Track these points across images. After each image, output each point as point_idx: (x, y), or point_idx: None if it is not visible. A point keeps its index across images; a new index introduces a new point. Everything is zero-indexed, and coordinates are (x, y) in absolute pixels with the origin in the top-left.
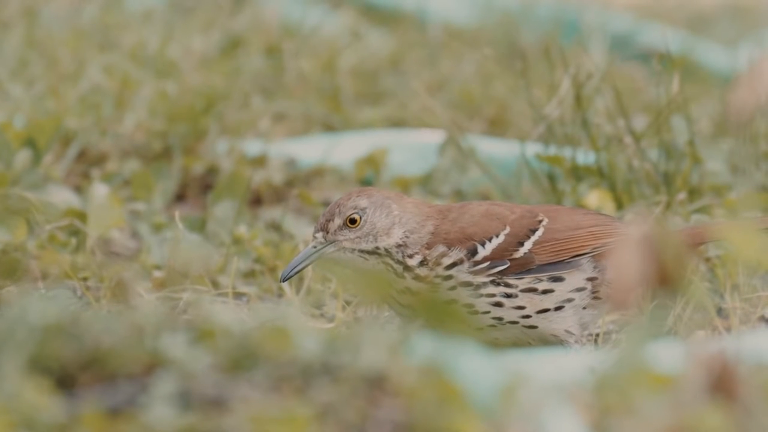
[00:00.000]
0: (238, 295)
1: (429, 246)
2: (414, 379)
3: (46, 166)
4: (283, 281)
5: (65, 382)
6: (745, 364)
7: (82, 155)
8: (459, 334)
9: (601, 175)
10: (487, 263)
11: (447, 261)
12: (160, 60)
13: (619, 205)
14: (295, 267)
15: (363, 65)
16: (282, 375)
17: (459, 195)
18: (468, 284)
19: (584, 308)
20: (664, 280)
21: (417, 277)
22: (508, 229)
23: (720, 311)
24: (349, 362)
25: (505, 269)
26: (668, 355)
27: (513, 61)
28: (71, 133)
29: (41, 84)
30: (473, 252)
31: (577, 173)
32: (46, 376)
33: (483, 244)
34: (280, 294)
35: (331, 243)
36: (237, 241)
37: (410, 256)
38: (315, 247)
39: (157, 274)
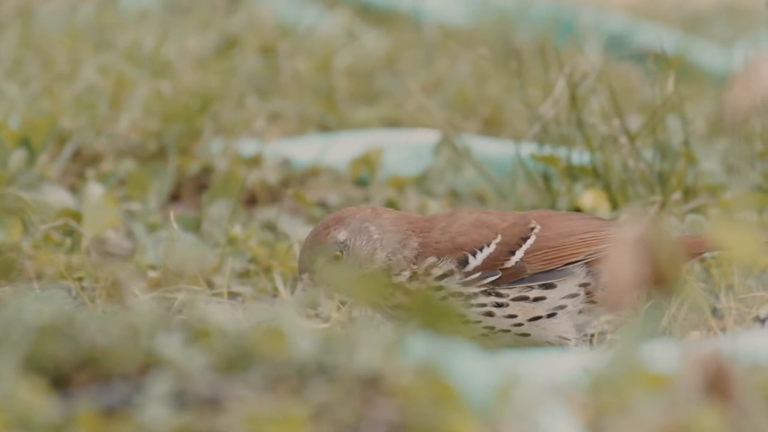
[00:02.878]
0: (233, 295)
1: (418, 259)
2: (409, 379)
3: (41, 166)
4: None
5: (60, 382)
6: (740, 365)
7: (77, 155)
8: (454, 335)
9: (596, 175)
10: (479, 274)
11: (437, 272)
12: (155, 60)
13: (614, 205)
14: None
15: (358, 65)
16: (277, 375)
17: (454, 195)
18: (458, 294)
19: (579, 312)
20: (659, 281)
21: (408, 293)
22: (499, 238)
23: (715, 311)
24: (344, 362)
25: (496, 279)
26: (663, 356)
27: (508, 60)
28: (66, 133)
29: (36, 84)
30: (464, 263)
31: (572, 173)
32: (41, 376)
33: (474, 254)
34: (275, 294)
35: (319, 283)
36: (232, 241)
37: (397, 275)
38: (304, 289)
39: (152, 274)
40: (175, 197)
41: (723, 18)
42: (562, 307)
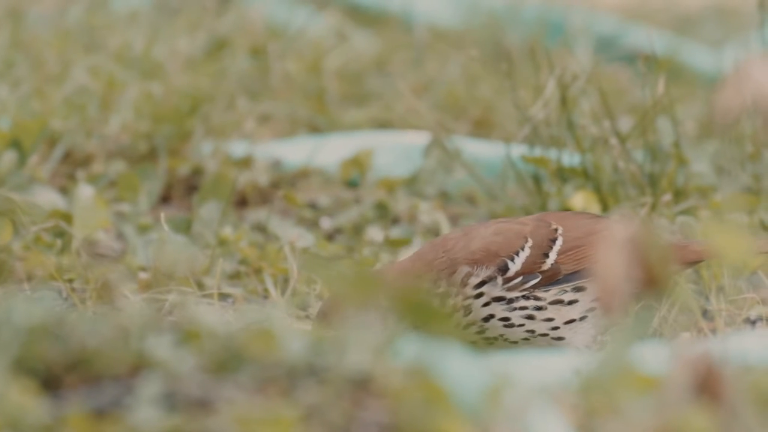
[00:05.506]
0: (223, 297)
1: (451, 275)
2: (400, 381)
3: (31, 168)
4: None
5: (50, 383)
6: (730, 366)
7: (67, 156)
8: (444, 336)
9: (587, 177)
10: (520, 278)
11: (475, 280)
12: (145, 61)
13: (605, 207)
14: None
15: (348, 66)
16: (267, 376)
17: (444, 196)
18: (501, 299)
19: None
20: (650, 282)
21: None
22: (530, 241)
23: (705, 313)
24: (334, 364)
25: (537, 282)
26: (654, 357)
27: (498, 62)
28: (57, 135)
29: (26, 85)
30: (504, 268)
31: (563, 175)
32: (31, 377)
33: (512, 259)
34: (266, 296)
35: None
36: (222, 242)
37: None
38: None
39: (143, 275)
40: (165, 199)
41: (713, 19)
42: (592, 310)
